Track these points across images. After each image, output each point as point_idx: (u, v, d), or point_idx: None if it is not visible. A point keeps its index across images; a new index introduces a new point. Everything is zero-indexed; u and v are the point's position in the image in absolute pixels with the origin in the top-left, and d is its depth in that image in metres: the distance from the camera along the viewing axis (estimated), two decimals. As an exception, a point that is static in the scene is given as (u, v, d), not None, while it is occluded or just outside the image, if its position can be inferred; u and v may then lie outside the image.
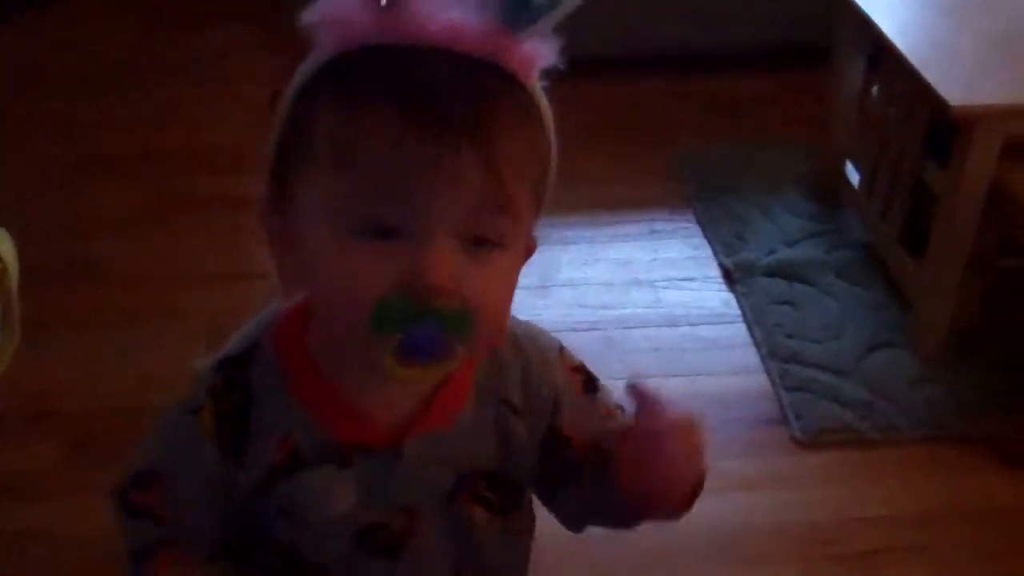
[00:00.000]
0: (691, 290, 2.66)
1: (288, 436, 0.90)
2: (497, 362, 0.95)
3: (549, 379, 0.98)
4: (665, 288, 2.65)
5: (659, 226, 2.89)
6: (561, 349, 1.01)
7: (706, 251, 2.79)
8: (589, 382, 1.02)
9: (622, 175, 3.05)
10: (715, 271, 2.72)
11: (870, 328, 2.51)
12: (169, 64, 3.55)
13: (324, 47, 0.78)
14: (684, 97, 3.43)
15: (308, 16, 0.77)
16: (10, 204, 2.48)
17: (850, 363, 2.40)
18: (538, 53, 0.79)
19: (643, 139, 3.22)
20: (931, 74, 2.22)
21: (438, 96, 0.75)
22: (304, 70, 0.80)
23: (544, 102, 0.82)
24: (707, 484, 2.16)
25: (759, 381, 2.38)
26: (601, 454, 0.93)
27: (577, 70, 0.85)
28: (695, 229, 2.88)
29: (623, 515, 0.96)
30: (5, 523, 2.02)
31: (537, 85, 0.81)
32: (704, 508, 2.07)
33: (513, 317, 0.94)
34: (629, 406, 0.87)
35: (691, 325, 2.53)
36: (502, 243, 0.80)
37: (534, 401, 0.97)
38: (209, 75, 3.47)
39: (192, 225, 2.79)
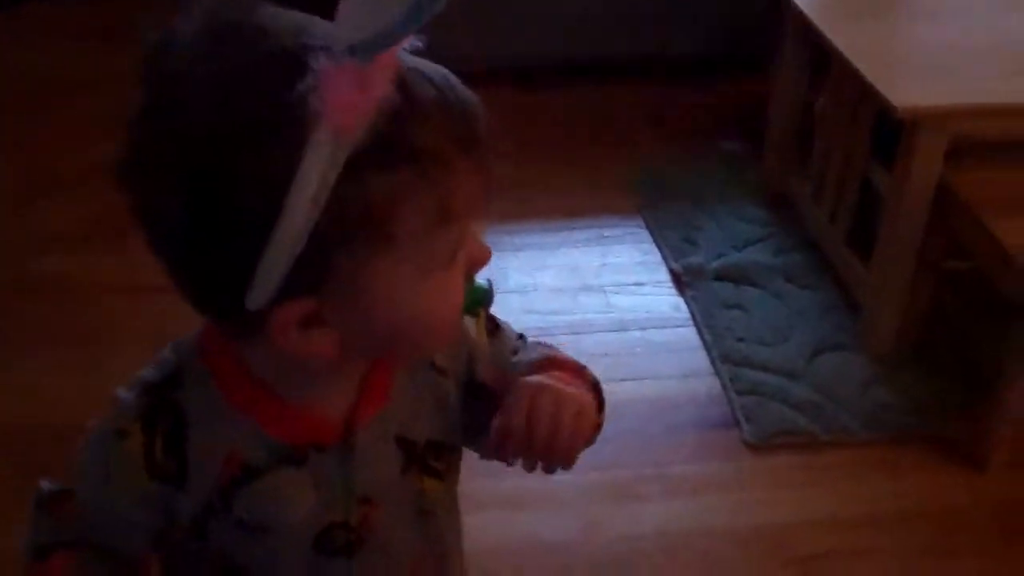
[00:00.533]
0: (641, 295, 2.65)
1: (233, 453, 0.87)
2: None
3: (465, 337, 0.99)
4: (615, 293, 2.64)
5: (608, 232, 2.88)
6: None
7: (655, 256, 2.79)
8: (492, 325, 1.03)
9: (571, 183, 3.04)
10: (664, 275, 2.72)
11: (820, 330, 2.51)
12: (123, 75, 3.49)
13: (331, 133, 0.69)
14: (632, 104, 3.43)
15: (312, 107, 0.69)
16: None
17: (800, 366, 2.40)
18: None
19: (592, 148, 3.22)
20: (876, 77, 2.23)
21: (473, 127, 0.77)
22: (319, 165, 0.70)
23: None
24: (658, 488, 2.17)
25: (709, 384, 2.37)
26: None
27: (523, 79, 0.84)
28: (644, 235, 2.87)
29: None
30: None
31: None
32: (655, 511, 2.10)
33: None
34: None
35: (641, 329, 2.52)
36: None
37: (455, 360, 0.97)
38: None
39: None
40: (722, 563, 2.00)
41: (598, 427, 0.95)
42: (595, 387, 0.98)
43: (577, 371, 0.98)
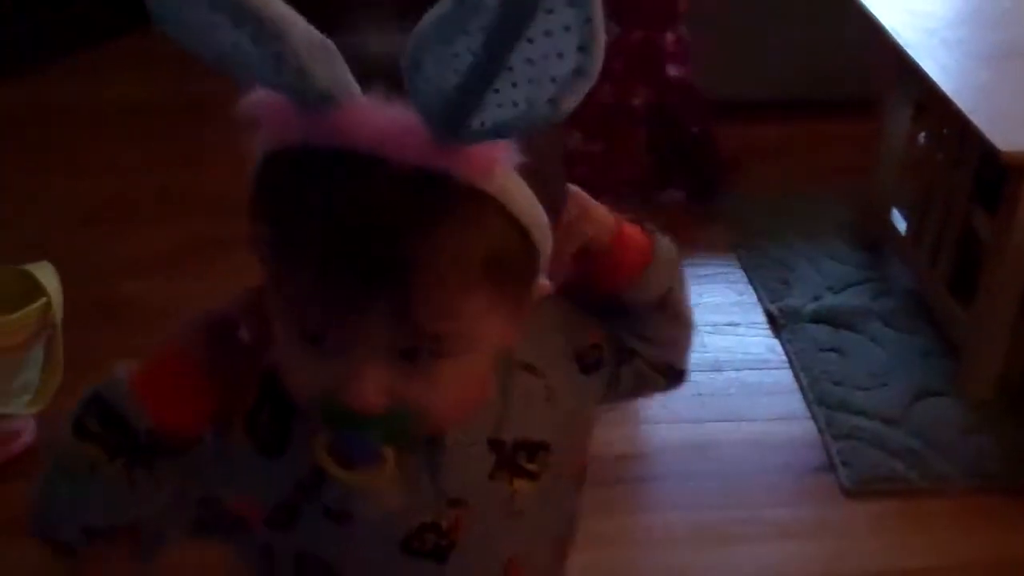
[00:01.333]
0: (736, 335, 2.64)
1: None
2: None
3: (552, 321, 0.98)
4: (710, 333, 2.63)
5: (702, 271, 2.87)
6: None
7: (751, 297, 2.77)
8: None
9: (665, 220, 3.03)
10: (760, 317, 2.70)
11: (918, 376, 2.48)
12: (201, 106, 3.58)
13: (260, 143, 0.76)
14: (730, 143, 3.42)
15: (243, 108, 0.74)
16: (40, 243, 2.49)
17: (898, 411, 2.37)
18: (489, 155, 0.72)
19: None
20: (980, 120, 2.20)
21: (351, 239, 0.72)
22: (254, 163, 0.78)
23: (515, 193, 0.76)
24: (751, 530, 2.15)
25: (805, 428, 2.35)
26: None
27: None
28: (739, 275, 2.86)
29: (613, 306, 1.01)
30: (41, 557, 2.02)
31: (500, 177, 0.74)
32: (747, 554, 2.08)
33: None
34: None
35: (736, 370, 2.51)
36: (444, 353, 0.79)
37: (548, 352, 0.98)
38: (240, 118, 3.48)
39: (220, 268, 2.78)
40: (816, 609, 1.98)
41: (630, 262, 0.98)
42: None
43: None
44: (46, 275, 2.18)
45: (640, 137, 3.10)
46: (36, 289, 2.16)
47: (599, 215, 0.94)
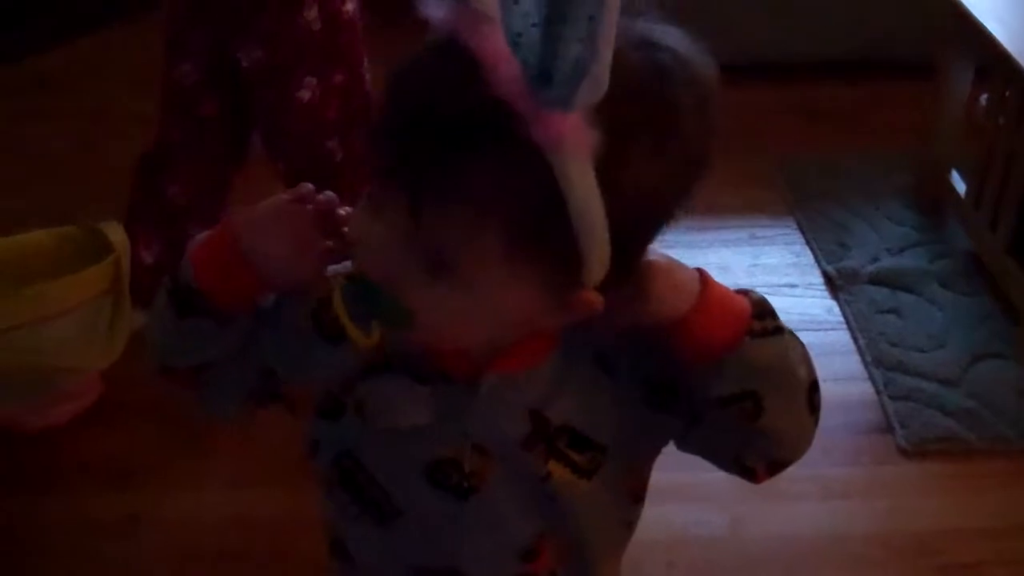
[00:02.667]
0: (793, 296, 2.64)
1: (380, 345, 0.89)
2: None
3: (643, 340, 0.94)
4: (767, 294, 2.59)
5: (760, 232, 2.88)
6: None
7: (808, 258, 2.78)
8: None
9: (722, 181, 2.98)
10: (817, 278, 2.71)
11: (977, 338, 2.48)
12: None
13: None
14: (785, 104, 3.41)
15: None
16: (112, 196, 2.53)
17: (956, 373, 2.37)
18: (565, 133, 0.72)
19: (744, 146, 3.19)
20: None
21: (410, 128, 0.77)
22: None
23: (576, 178, 0.74)
24: (809, 488, 2.17)
25: (862, 389, 2.36)
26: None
27: None
28: (796, 236, 2.86)
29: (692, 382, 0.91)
30: (113, 508, 2.09)
31: (569, 159, 0.73)
32: (806, 511, 2.09)
33: None
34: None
35: (793, 331, 2.51)
36: (454, 278, 0.80)
37: (626, 362, 0.95)
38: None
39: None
40: (872, 567, 1.99)
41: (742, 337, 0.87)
42: (755, 297, 0.91)
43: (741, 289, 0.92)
44: (115, 233, 2.23)
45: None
46: (105, 247, 2.21)
47: (667, 295, 0.85)
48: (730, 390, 0.88)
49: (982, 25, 2.45)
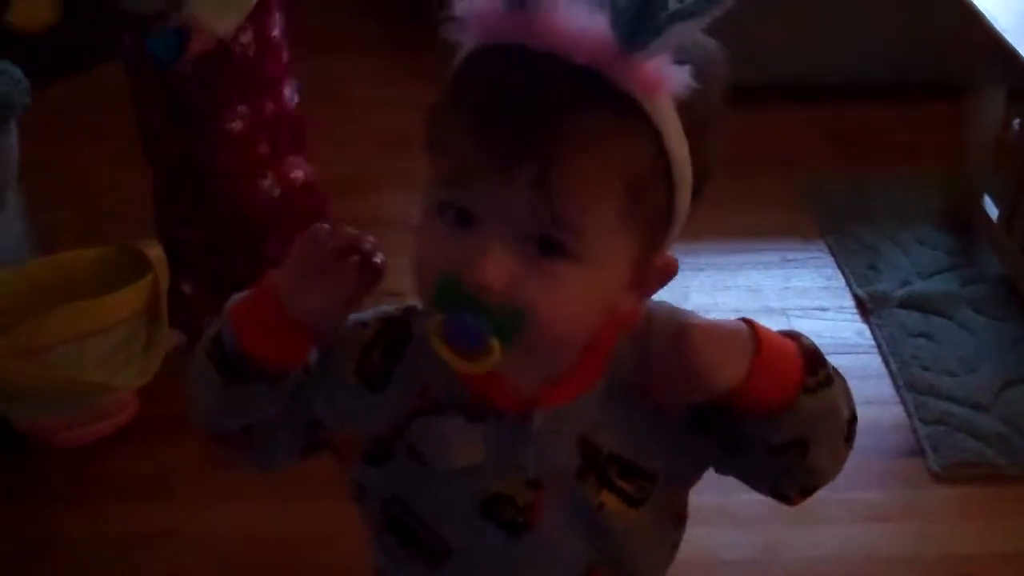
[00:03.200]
0: (824, 320, 2.65)
1: (426, 389, 0.92)
2: (636, 349, 0.93)
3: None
4: (798, 317, 2.64)
5: (791, 255, 2.89)
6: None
7: (839, 281, 2.78)
8: None
9: (753, 203, 3.05)
10: (849, 301, 2.71)
11: (1008, 363, 2.47)
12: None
13: (466, 41, 0.82)
14: (815, 126, 3.42)
15: (455, 11, 0.81)
16: (137, 215, 2.57)
17: (988, 397, 2.37)
18: (658, 74, 0.77)
19: (774, 168, 3.22)
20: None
21: (511, 107, 0.78)
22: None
23: (670, 124, 0.80)
24: (840, 512, 2.16)
25: (894, 412, 2.36)
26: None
27: None
28: (827, 259, 2.87)
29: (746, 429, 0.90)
30: (145, 523, 2.12)
31: (662, 105, 0.79)
32: (836, 534, 2.09)
33: (661, 304, 0.96)
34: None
35: (824, 354, 2.51)
36: (571, 255, 0.81)
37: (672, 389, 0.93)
38: (341, 99, 3.54)
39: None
40: (904, 591, 2.00)
41: (797, 395, 0.87)
42: (809, 346, 0.90)
43: (791, 334, 0.91)
44: (153, 251, 2.26)
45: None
46: (144, 266, 2.24)
47: (722, 364, 0.84)
48: (781, 440, 0.89)
49: (1015, 49, 2.45)
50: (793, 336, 0.90)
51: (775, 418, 0.87)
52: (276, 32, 2.27)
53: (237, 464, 1.02)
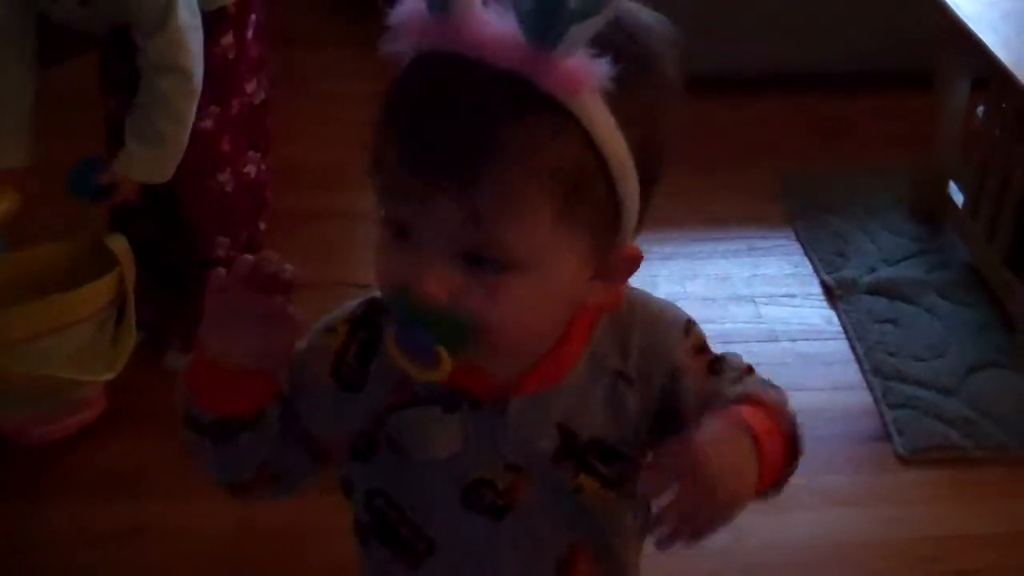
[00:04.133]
0: (792, 306, 2.66)
1: (404, 382, 0.91)
2: (616, 334, 0.96)
3: (670, 358, 0.97)
4: (766, 304, 2.66)
5: (758, 243, 2.90)
6: (688, 325, 1.00)
7: (806, 268, 2.80)
8: (713, 364, 1.00)
9: (722, 192, 3.06)
10: (816, 288, 2.73)
11: (975, 348, 2.50)
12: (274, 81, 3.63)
13: (400, 52, 0.81)
14: (786, 117, 3.43)
15: (391, 19, 0.80)
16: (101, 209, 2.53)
17: (954, 382, 2.39)
18: (576, 72, 0.75)
19: (743, 157, 3.23)
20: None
21: (431, 125, 0.78)
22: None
23: (599, 119, 0.78)
24: (809, 497, 2.18)
25: (861, 397, 2.38)
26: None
27: (685, 87, 0.84)
28: (795, 247, 2.88)
29: None
30: (117, 519, 2.11)
31: (586, 101, 0.77)
32: (805, 520, 2.11)
33: (643, 292, 0.98)
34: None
35: (792, 340, 2.54)
36: (509, 265, 0.80)
37: (651, 376, 0.97)
38: (313, 93, 3.53)
39: (298, 238, 2.84)
40: (871, 574, 2.01)
41: (776, 481, 0.94)
42: (791, 430, 0.96)
43: (776, 412, 0.94)
44: (119, 246, 2.25)
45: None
46: (109, 260, 2.23)
47: (729, 481, 0.84)
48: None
49: (978, 37, 2.47)
50: (776, 413, 0.94)
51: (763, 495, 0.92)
52: (250, 32, 2.27)
53: (266, 500, 1.02)
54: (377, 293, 0.93)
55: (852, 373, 2.44)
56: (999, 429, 2.28)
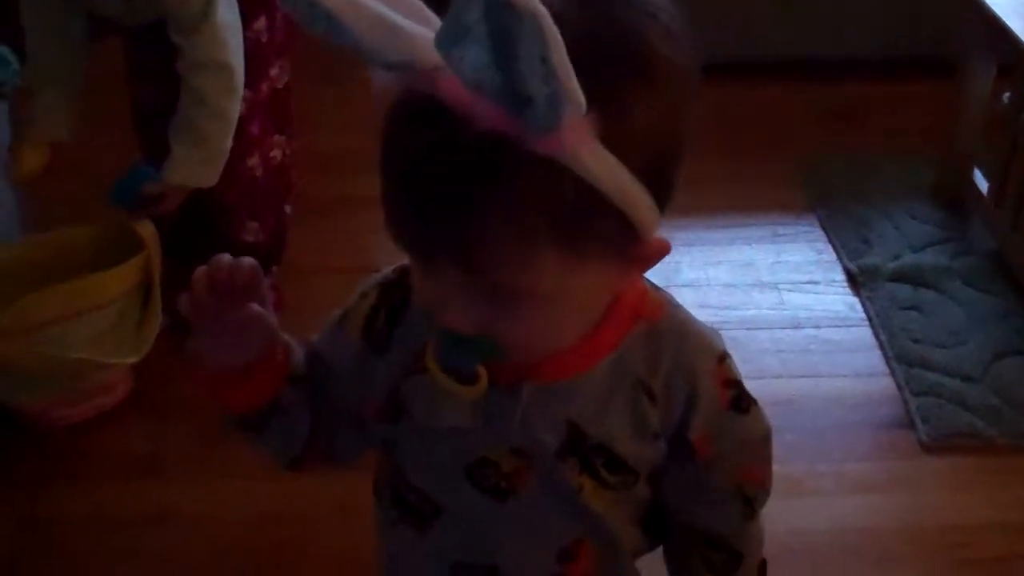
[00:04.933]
0: (815, 293, 2.66)
1: (423, 351, 0.92)
2: (649, 346, 0.95)
3: (694, 380, 0.96)
4: (789, 291, 2.65)
5: (782, 230, 2.89)
6: (722, 358, 0.99)
7: (830, 255, 2.79)
8: (738, 400, 1.00)
9: (745, 179, 3.05)
10: (839, 275, 2.72)
11: (998, 335, 2.49)
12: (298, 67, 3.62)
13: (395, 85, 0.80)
14: (808, 102, 3.42)
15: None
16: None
17: (978, 369, 2.38)
18: (564, 133, 0.72)
19: (767, 143, 3.23)
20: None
21: (416, 199, 0.77)
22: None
23: (594, 165, 0.75)
24: (832, 484, 2.17)
25: (884, 384, 2.37)
26: None
27: (703, 74, 0.83)
28: (818, 233, 2.87)
29: None
30: (139, 502, 2.12)
31: (579, 149, 0.73)
32: (828, 506, 2.11)
33: (686, 312, 0.98)
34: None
35: (815, 327, 2.53)
36: (526, 296, 0.81)
37: (672, 396, 0.96)
38: (337, 78, 3.51)
39: (324, 223, 2.85)
40: (895, 562, 2.00)
41: None
42: None
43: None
44: (146, 230, 2.25)
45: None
46: (136, 244, 2.24)
47: None
48: None
49: (1004, 22, 2.46)
50: None
51: None
52: (280, 14, 2.27)
53: (331, 469, 1.08)
54: (406, 263, 0.95)
55: (875, 360, 2.44)
56: (1022, 417, 2.26)
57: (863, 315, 2.57)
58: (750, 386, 1.01)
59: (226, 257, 0.90)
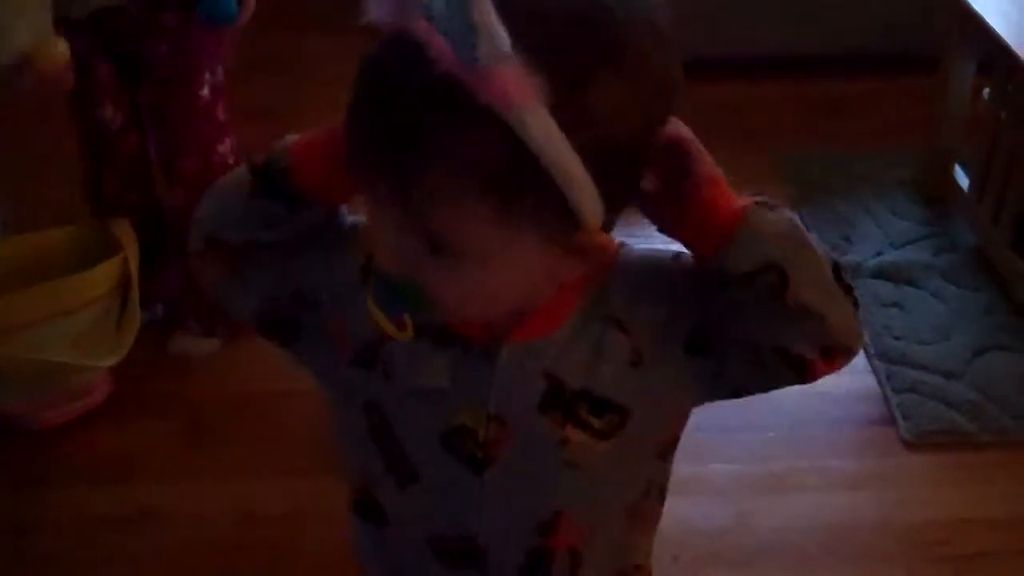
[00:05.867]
0: (797, 290, 2.65)
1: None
2: (605, 284, 0.95)
3: (659, 286, 0.95)
4: (770, 288, 2.64)
5: (764, 227, 2.89)
6: (676, 256, 0.96)
7: (811, 252, 2.78)
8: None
9: (726, 174, 3.04)
10: (821, 272, 2.71)
11: (980, 331, 2.49)
12: (269, 64, 3.62)
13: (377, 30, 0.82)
14: (789, 99, 3.42)
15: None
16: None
17: (959, 365, 2.39)
18: (509, 87, 0.74)
19: (747, 139, 3.22)
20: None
21: (375, 130, 0.80)
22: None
23: (535, 128, 0.75)
24: (813, 480, 2.17)
25: (866, 381, 2.37)
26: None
27: (686, 71, 0.83)
28: (800, 230, 2.87)
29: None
30: (121, 503, 2.11)
31: (525, 110, 0.74)
32: (810, 503, 2.11)
33: (629, 246, 0.97)
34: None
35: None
36: (458, 253, 0.82)
37: (644, 314, 0.95)
38: (323, 77, 3.51)
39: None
40: (877, 558, 2.01)
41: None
42: None
43: None
44: (123, 231, 2.24)
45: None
46: (113, 244, 2.23)
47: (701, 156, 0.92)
48: (751, 263, 0.87)
49: (984, 19, 2.46)
50: None
51: (733, 235, 0.88)
52: None
53: (210, 288, 1.03)
54: None
55: (857, 357, 2.42)
56: (1005, 413, 2.27)
57: (845, 312, 2.57)
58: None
59: None
